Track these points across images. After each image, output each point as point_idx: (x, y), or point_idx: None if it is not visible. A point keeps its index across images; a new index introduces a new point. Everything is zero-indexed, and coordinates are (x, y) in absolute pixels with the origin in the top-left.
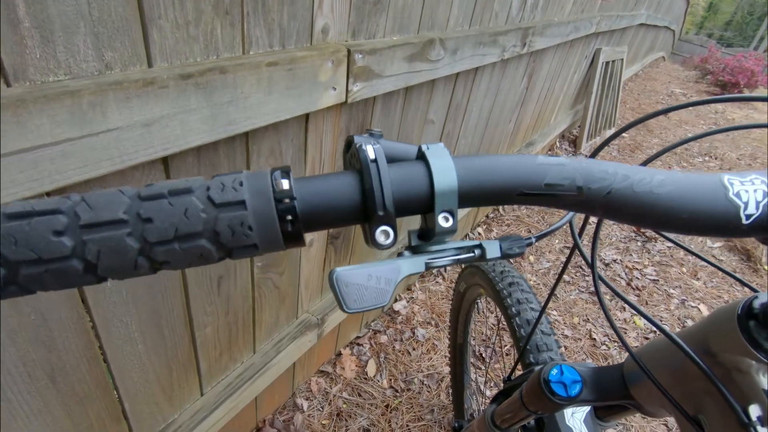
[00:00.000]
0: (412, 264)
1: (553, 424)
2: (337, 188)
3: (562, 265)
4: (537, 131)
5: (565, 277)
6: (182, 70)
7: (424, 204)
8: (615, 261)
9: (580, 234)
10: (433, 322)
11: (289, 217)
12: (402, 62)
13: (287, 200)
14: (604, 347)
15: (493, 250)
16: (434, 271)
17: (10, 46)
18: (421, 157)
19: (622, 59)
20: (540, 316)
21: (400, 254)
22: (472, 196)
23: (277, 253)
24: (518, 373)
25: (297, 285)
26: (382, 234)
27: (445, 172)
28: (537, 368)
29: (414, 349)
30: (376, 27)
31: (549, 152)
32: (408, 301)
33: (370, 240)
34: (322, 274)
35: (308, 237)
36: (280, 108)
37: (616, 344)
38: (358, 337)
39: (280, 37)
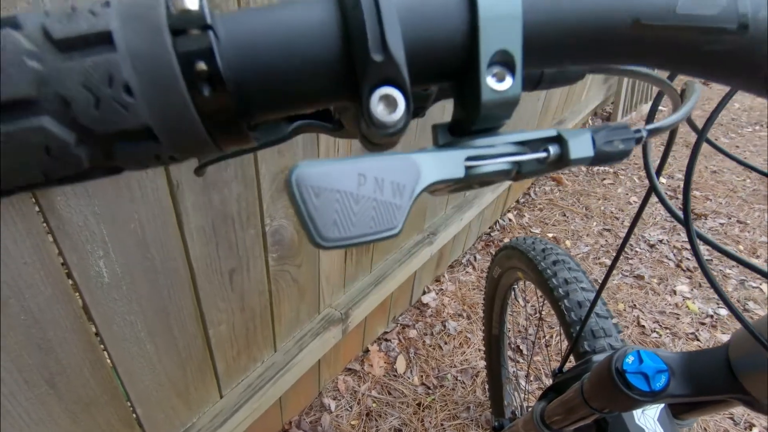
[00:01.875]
0: (443, 163)
1: (619, 423)
2: (298, 19)
3: (617, 247)
4: (568, 108)
5: (606, 261)
6: None
7: (459, 51)
8: (661, 241)
9: (658, 172)
10: (464, 314)
11: (202, 66)
12: None
13: (195, 31)
14: (654, 335)
15: (580, 145)
16: (464, 258)
17: None
18: None
19: None
20: (597, 296)
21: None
22: (548, 35)
23: (293, 244)
24: (571, 364)
25: (317, 278)
26: (383, 103)
27: None
28: (599, 357)
29: (446, 343)
30: None
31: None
32: (437, 293)
33: (365, 118)
34: (344, 265)
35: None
36: None
37: (668, 331)
38: (385, 332)
39: None
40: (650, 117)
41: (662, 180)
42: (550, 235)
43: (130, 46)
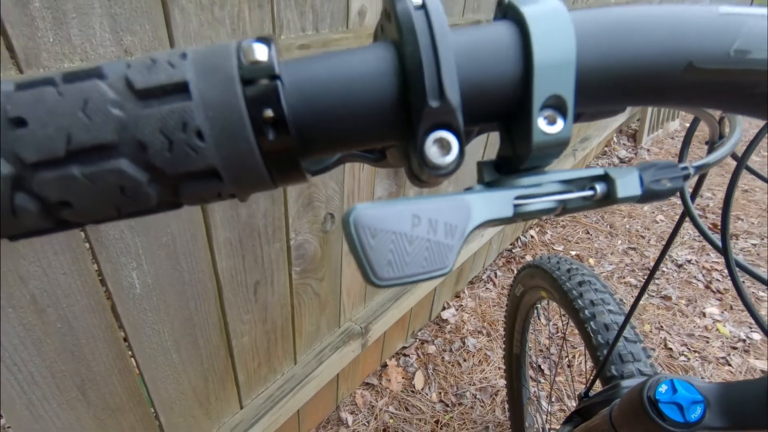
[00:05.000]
0: (492, 203)
1: None
2: (358, 66)
3: (648, 267)
4: (593, 125)
5: (631, 280)
6: None
7: (512, 94)
8: (689, 261)
9: (693, 196)
10: (484, 331)
11: (269, 113)
12: None
13: (264, 81)
14: (683, 358)
15: (628, 185)
16: (484, 275)
17: (21, 28)
18: (506, 11)
19: None
20: (627, 319)
21: (467, 190)
22: (601, 78)
23: (316, 258)
24: (597, 388)
25: (338, 292)
26: (438, 145)
27: (553, 31)
28: (629, 384)
29: (465, 360)
30: None
31: (606, 148)
32: (457, 309)
33: (417, 160)
34: None
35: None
36: None
37: (697, 355)
38: (404, 348)
39: (313, 20)
40: (684, 151)
41: None
42: (573, 252)
43: (204, 96)
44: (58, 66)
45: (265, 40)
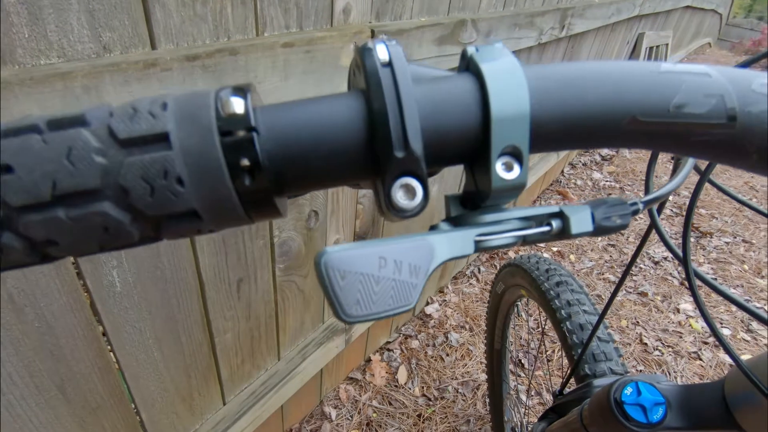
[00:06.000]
0: (454, 242)
1: None
2: (328, 115)
3: (626, 263)
4: None
5: (610, 276)
6: (188, 51)
7: (472, 142)
8: (666, 258)
9: (659, 210)
10: (467, 326)
11: (245, 162)
12: (431, 45)
13: (241, 132)
14: (657, 353)
15: (580, 222)
16: (468, 270)
17: None
18: (468, 64)
19: (667, 44)
20: (600, 320)
21: (433, 227)
22: (552, 128)
23: (300, 255)
24: (573, 386)
25: None
26: (402, 190)
27: (509, 87)
28: (600, 383)
29: (447, 355)
30: (402, 7)
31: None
32: (440, 304)
33: (384, 203)
34: None
35: (298, 210)
36: (299, 94)
37: (670, 350)
38: (388, 342)
39: (297, 17)
40: (648, 179)
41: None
42: (555, 249)
43: (184, 145)
44: (34, 63)
45: (241, 91)
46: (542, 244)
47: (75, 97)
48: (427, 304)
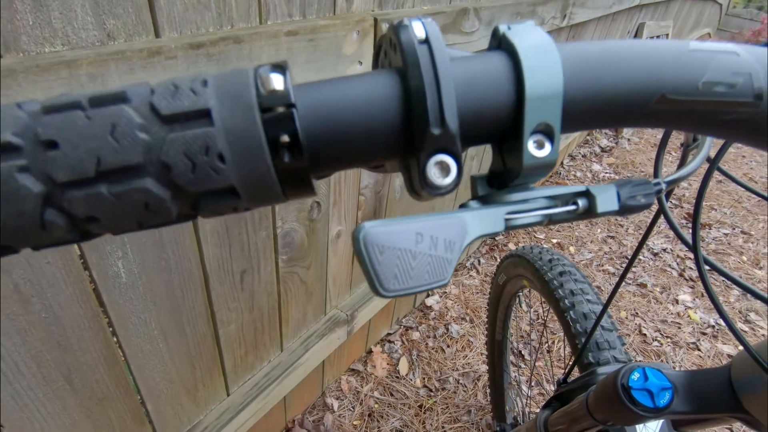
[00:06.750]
0: (485, 219)
1: None
2: (365, 92)
3: (626, 255)
4: None
5: (609, 268)
6: (192, 39)
7: (504, 120)
8: (665, 250)
9: (668, 196)
10: (467, 318)
11: (285, 138)
12: None
13: (281, 109)
14: (656, 344)
15: (606, 200)
16: (468, 262)
17: None
18: (500, 42)
19: (667, 34)
20: (605, 308)
21: (463, 206)
22: (584, 106)
23: (302, 246)
24: (575, 375)
25: (324, 280)
26: (437, 168)
27: (543, 64)
28: (604, 371)
29: (448, 347)
30: None
31: (588, 137)
32: (441, 296)
33: (418, 180)
34: (351, 268)
35: (325, 196)
36: None
37: (669, 340)
38: (389, 334)
39: (300, 6)
40: (657, 168)
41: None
42: (555, 240)
43: (226, 122)
44: (38, 50)
45: (279, 68)
46: (542, 236)
47: (80, 85)
48: (428, 296)
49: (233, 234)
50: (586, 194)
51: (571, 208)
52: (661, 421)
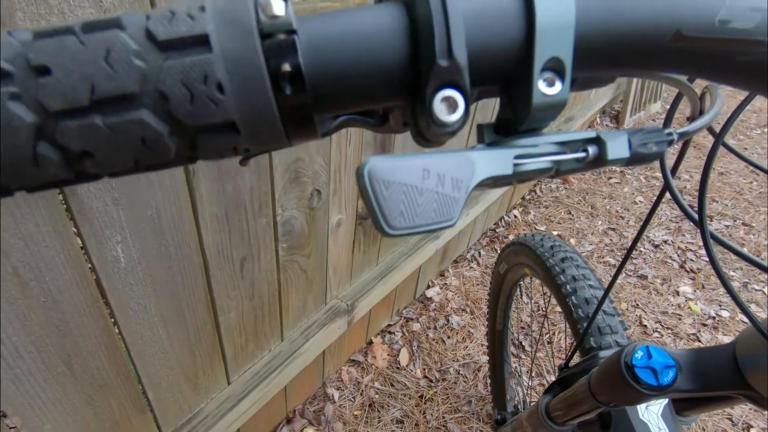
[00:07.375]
0: (495, 160)
1: (623, 418)
2: (371, 24)
3: (626, 247)
4: (576, 106)
5: (610, 259)
6: None
7: (514, 56)
8: (666, 242)
9: (673, 171)
10: (468, 309)
11: (287, 68)
12: None
13: (282, 35)
14: (656, 335)
15: (617, 147)
16: (468, 254)
17: None
18: None
19: None
20: (607, 292)
21: (471, 148)
22: (596, 43)
23: (302, 234)
24: (577, 360)
25: (325, 269)
26: (444, 104)
27: None
28: (606, 354)
29: (448, 338)
30: None
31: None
32: (441, 288)
33: (424, 120)
34: (351, 257)
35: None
36: None
37: (669, 332)
38: (389, 325)
39: None
40: (668, 120)
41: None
42: (555, 232)
43: (225, 48)
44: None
45: None
46: (543, 227)
47: None
48: (428, 287)
49: (233, 220)
50: (597, 141)
51: (581, 155)
52: (664, 402)
